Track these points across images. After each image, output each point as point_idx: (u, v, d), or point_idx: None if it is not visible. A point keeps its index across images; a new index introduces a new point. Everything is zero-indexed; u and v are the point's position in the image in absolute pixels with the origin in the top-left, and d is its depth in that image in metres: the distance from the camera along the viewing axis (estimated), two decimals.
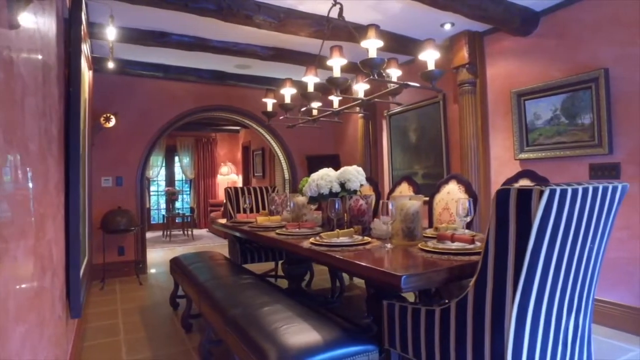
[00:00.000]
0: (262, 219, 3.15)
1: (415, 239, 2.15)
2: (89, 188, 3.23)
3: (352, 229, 2.32)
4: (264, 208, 4.40)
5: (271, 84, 5.46)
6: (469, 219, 2.18)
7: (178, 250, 7.08)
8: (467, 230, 2.45)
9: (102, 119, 4.39)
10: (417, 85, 2.46)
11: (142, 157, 5.14)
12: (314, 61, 3.13)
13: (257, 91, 5.66)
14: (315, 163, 6.02)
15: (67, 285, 1.91)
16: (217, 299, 2.25)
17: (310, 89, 2.92)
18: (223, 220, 3.98)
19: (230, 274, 2.78)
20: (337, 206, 2.49)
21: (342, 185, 2.76)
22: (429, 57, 2.50)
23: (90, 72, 3.21)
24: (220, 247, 7.14)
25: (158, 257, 6.54)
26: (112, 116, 4.46)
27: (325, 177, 2.74)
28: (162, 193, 10.30)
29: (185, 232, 8.91)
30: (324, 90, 3.96)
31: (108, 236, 4.61)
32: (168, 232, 8.52)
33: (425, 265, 1.66)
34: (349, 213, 2.60)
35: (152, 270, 5.30)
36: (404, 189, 3.67)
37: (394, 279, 1.46)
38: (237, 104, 5.77)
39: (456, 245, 1.90)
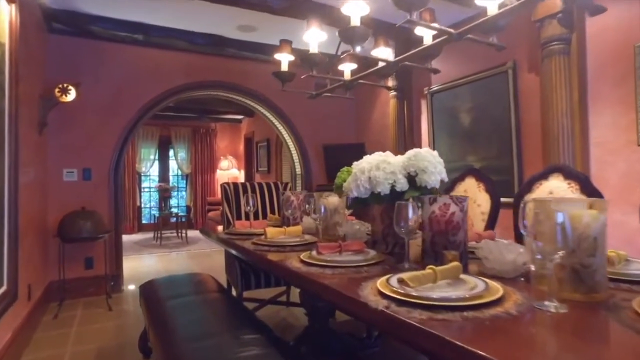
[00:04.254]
0: (273, 232, 2.06)
1: (600, 289, 1.05)
2: (12, 181, 2.14)
3: (455, 262, 1.22)
4: (272, 211, 3.30)
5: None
6: None
7: (169, 258, 6.00)
8: None
9: (56, 90, 3.30)
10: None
11: (117, 144, 4.05)
12: None
13: (263, 65, 4.57)
14: (334, 154, 4.93)
15: None
16: None
17: (355, 22, 1.80)
18: (219, 228, 2.92)
19: (225, 327, 1.68)
20: (410, 214, 1.41)
21: (412, 179, 1.67)
22: None
23: (13, 6, 2.13)
24: (217, 253, 6.05)
25: (144, 266, 5.45)
26: (71, 87, 3.36)
27: (383, 166, 1.64)
28: (155, 189, 9.22)
29: (180, 234, 7.83)
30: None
31: (70, 246, 3.53)
32: (159, 234, 7.44)
33: None
34: (429, 227, 1.50)
35: (131, 287, 4.22)
36: (470, 186, 2.60)
37: None
38: (239, 81, 4.66)
39: None
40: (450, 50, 1.97)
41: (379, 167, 1.64)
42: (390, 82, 4.40)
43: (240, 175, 9.50)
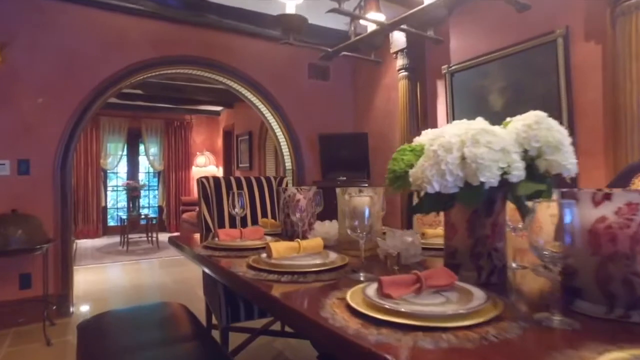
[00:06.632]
0: (282, 248, 1.33)
1: None
2: None
3: None
4: (264, 214, 2.56)
5: (274, 27, 3.63)
6: None
7: (136, 268, 5.16)
8: None
9: None
10: None
11: (66, 130, 3.22)
12: None
13: (250, 40, 3.87)
14: (331, 145, 4.23)
15: None
16: None
17: None
18: (197, 237, 2.18)
19: None
20: (568, 221, 0.73)
21: (530, 160, 0.98)
22: None
23: None
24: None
25: (104, 280, 4.60)
26: None
27: (485, 140, 0.94)
28: (123, 188, 8.27)
29: (150, 238, 6.95)
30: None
31: None
32: (125, 239, 6.54)
33: None
34: (592, 247, 0.81)
35: (84, 308, 3.38)
36: None
37: None
38: (220, 57, 3.87)
39: None
40: (477, 19, 1.35)
41: (478, 142, 0.94)
42: (400, 61, 3.74)
43: (218, 173, 8.67)
